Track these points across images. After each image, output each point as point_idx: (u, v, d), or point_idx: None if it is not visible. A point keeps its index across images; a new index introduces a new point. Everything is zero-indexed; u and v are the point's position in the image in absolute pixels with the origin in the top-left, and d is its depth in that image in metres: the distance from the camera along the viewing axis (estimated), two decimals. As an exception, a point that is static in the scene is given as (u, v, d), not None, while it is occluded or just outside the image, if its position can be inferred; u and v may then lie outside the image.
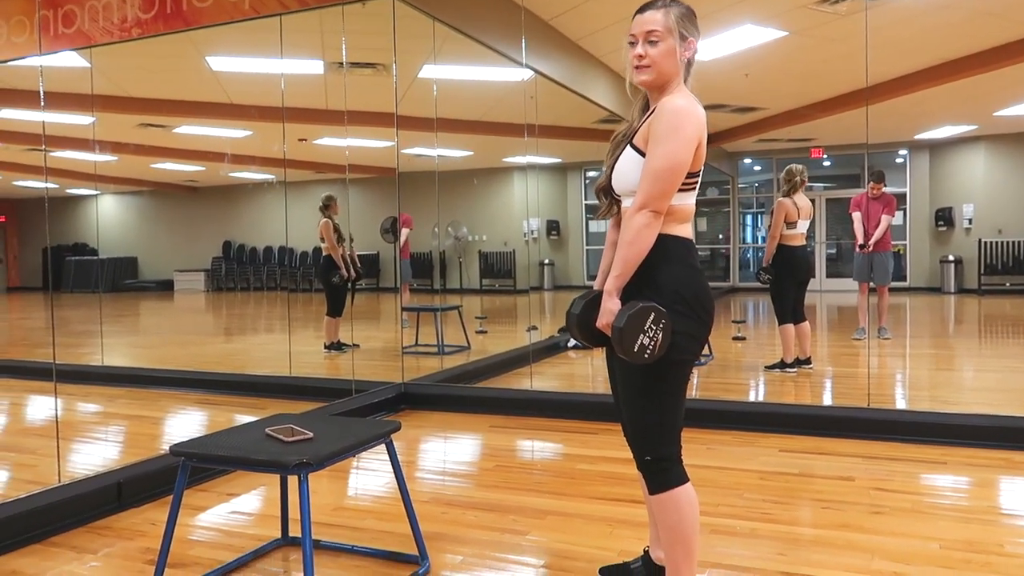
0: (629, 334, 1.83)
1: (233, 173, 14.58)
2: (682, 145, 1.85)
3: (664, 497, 1.94)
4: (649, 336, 1.84)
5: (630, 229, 1.87)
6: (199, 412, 5.03)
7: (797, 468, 3.34)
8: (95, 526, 2.81)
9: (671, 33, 1.93)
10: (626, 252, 1.88)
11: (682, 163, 1.87)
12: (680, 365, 1.94)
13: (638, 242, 1.87)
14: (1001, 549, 2.42)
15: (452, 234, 14.85)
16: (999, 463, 3.36)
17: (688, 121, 1.86)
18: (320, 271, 7.27)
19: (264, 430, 2.24)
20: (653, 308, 1.85)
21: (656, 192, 1.86)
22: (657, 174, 1.86)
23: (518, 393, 5.02)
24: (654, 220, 1.86)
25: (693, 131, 1.87)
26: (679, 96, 1.92)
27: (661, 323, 1.85)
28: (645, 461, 1.97)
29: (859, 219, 7.13)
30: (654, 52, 1.94)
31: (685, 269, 1.94)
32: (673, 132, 1.85)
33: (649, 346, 1.84)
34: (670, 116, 1.86)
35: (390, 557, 2.46)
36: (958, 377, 5.74)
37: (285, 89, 6.85)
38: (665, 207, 1.87)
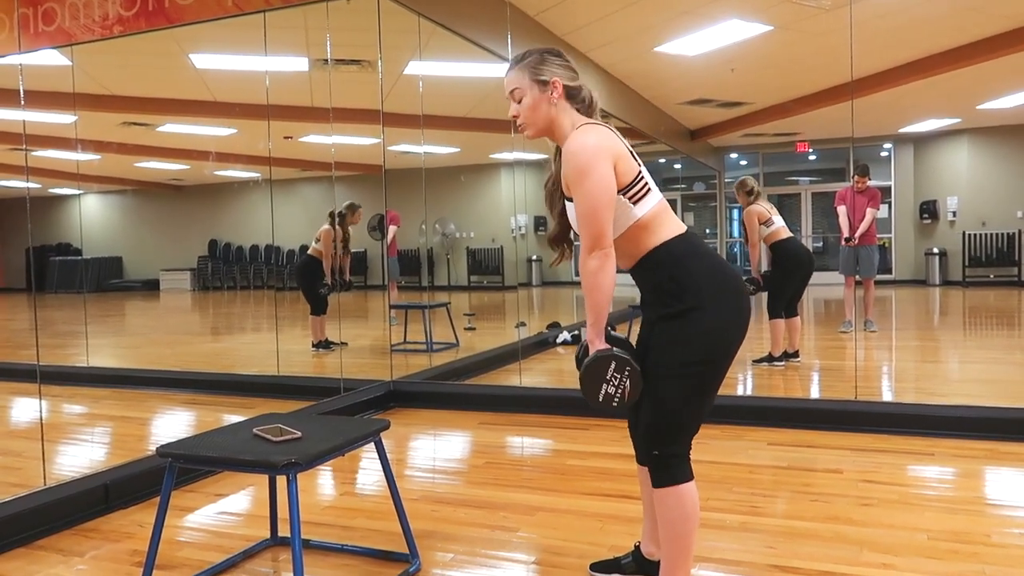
0: (589, 386, 1.87)
1: (218, 171, 14.48)
2: (595, 181, 1.87)
3: (667, 492, 1.94)
4: (614, 385, 1.87)
5: (586, 274, 1.90)
6: (186, 412, 4.99)
7: (786, 461, 3.36)
8: (82, 528, 2.79)
9: (530, 86, 1.99)
10: (591, 299, 1.91)
11: (604, 197, 1.88)
12: (712, 363, 1.93)
13: (599, 285, 1.88)
14: (988, 539, 2.44)
15: (439, 231, 14.82)
16: (985, 454, 3.39)
17: (588, 156, 1.88)
18: (301, 272, 7.15)
19: (252, 430, 2.22)
20: (613, 357, 1.86)
21: (594, 232, 1.88)
22: (586, 217, 1.88)
23: (507, 390, 5.01)
24: (605, 260, 1.88)
25: (599, 161, 1.88)
26: (575, 136, 1.94)
27: (626, 370, 1.86)
28: (652, 455, 1.95)
29: (844, 213, 7.17)
30: (523, 108, 2.01)
31: (697, 260, 1.94)
32: (581, 174, 1.88)
33: (616, 395, 1.87)
34: (572, 161, 1.90)
35: (381, 556, 2.45)
36: (944, 369, 5.79)
37: (270, 86, 6.81)
38: (610, 242, 1.89)
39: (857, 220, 7.11)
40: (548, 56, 2.02)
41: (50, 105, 7.60)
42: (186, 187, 16.32)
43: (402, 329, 7.31)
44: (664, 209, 1.99)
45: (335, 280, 6.92)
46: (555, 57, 2.03)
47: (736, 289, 1.98)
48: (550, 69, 2.00)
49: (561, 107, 2.01)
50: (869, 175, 7.22)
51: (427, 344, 6.71)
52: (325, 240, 6.90)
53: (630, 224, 1.95)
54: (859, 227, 7.05)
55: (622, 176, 1.92)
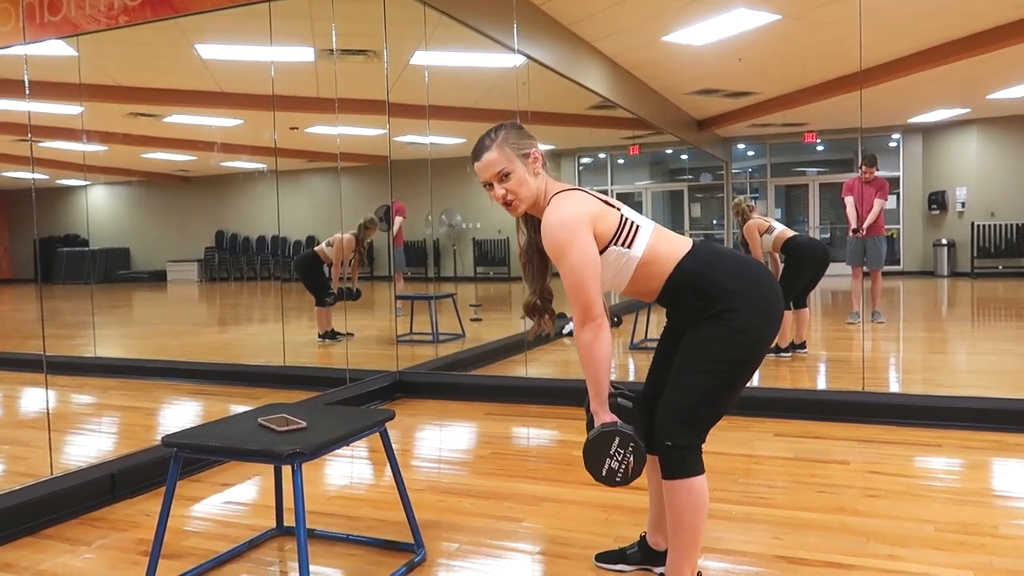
0: (593, 461, 1.88)
1: (224, 163, 14.49)
2: (577, 254, 1.87)
3: (678, 484, 1.93)
4: (617, 460, 1.87)
5: (582, 347, 1.90)
6: (192, 402, 5.01)
7: (792, 452, 3.34)
8: (89, 518, 2.80)
9: (514, 160, 1.98)
10: (589, 370, 1.92)
11: (588, 268, 1.88)
12: (745, 363, 1.92)
13: (595, 357, 1.89)
14: (995, 531, 2.43)
15: (446, 222, 14.80)
16: (993, 445, 3.37)
17: (567, 229, 1.88)
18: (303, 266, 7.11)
19: (257, 420, 2.22)
20: (617, 432, 1.85)
21: (583, 304, 1.88)
22: (573, 291, 1.88)
23: (513, 380, 5.01)
24: (599, 329, 1.88)
25: (577, 232, 1.87)
26: (550, 209, 1.93)
27: (629, 446, 1.86)
28: (666, 446, 1.93)
29: (852, 203, 7.13)
30: (512, 185, 1.98)
31: (718, 267, 1.92)
32: (562, 250, 1.88)
33: (619, 470, 1.87)
34: (551, 237, 1.90)
35: (386, 546, 2.45)
36: (952, 360, 5.76)
37: (275, 77, 6.80)
38: (601, 310, 1.88)
39: (865, 211, 7.06)
40: (515, 127, 2.03)
41: (56, 96, 7.61)
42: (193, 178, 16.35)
43: (408, 320, 7.31)
44: (661, 236, 1.98)
45: (342, 289, 6.91)
46: (521, 129, 2.03)
47: (765, 281, 1.96)
48: (528, 141, 2.00)
49: (541, 177, 2.01)
50: (877, 165, 7.17)
51: (433, 335, 6.71)
52: (337, 248, 6.84)
53: (635, 266, 1.95)
54: (867, 218, 7.01)
55: (606, 231, 1.92)
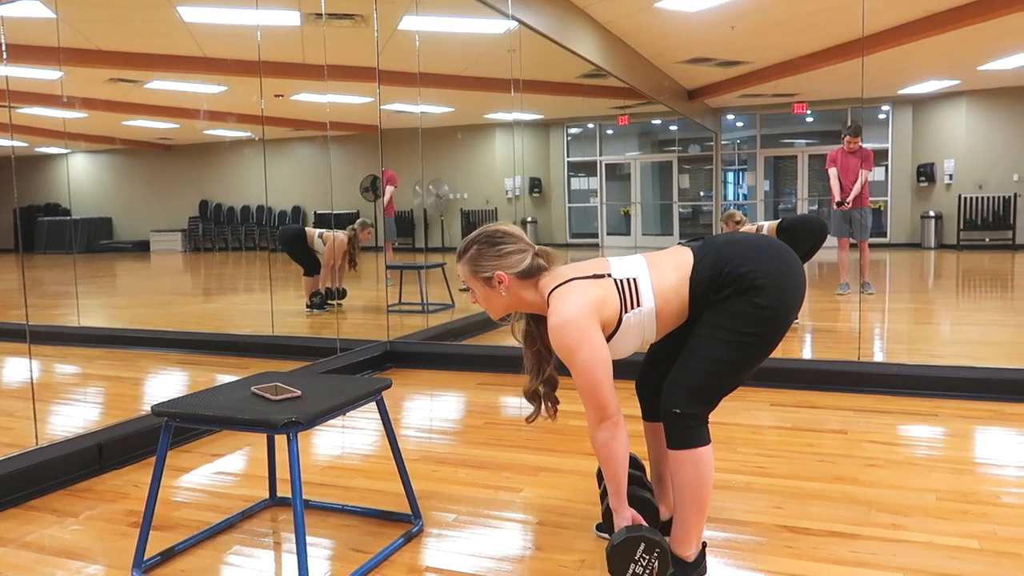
0: (617, 566, 1.82)
1: (208, 130, 14.25)
2: (587, 354, 1.82)
3: (684, 454, 1.88)
4: (642, 566, 1.82)
5: (600, 447, 1.87)
6: (180, 372, 4.93)
7: (789, 422, 3.33)
8: (76, 489, 2.74)
9: (476, 283, 1.98)
10: (608, 470, 1.89)
11: (600, 368, 1.83)
12: (763, 338, 1.87)
13: (613, 456, 1.87)
14: (997, 500, 2.42)
15: (433, 192, 14.68)
16: (989, 415, 3.37)
17: (572, 330, 1.83)
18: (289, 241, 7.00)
19: (250, 389, 2.16)
20: (643, 538, 1.81)
21: (598, 403, 1.84)
22: (587, 393, 1.84)
23: (505, 350, 4.96)
24: (615, 427, 1.85)
25: (584, 332, 1.83)
26: (553, 310, 1.87)
27: (655, 552, 1.81)
28: (673, 414, 1.88)
29: (835, 175, 7.06)
30: (478, 298, 2.03)
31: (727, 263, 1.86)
32: (572, 352, 1.84)
33: (643, 574, 1.83)
34: (558, 340, 1.85)
35: (382, 516, 2.41)
36: (943, 331, 5.77)
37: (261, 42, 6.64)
38: (615, 407, 1.85)
39: (849, 182, 7.00)
40: (487, 247, 1.96)
41: (34, 60, 7.39)
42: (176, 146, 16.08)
43: (397, 290, 7.24)
44: (660, 270, 1.92)
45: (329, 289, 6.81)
46: (496, 247, 1.96)
47: (780, 254, 1.91)
48: (491, 264, 1.95)
49: (515, 289, 1.96)
50: (861, 136, 7.09)
51: (423, 305, 6.65)
52: (329, 247, 6.73)
53: (655, 316, 1.91)
54: (851, 189, 6.96)
55: (613, 311, 1.88)
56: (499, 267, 1.95)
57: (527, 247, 1.98)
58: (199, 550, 2.22)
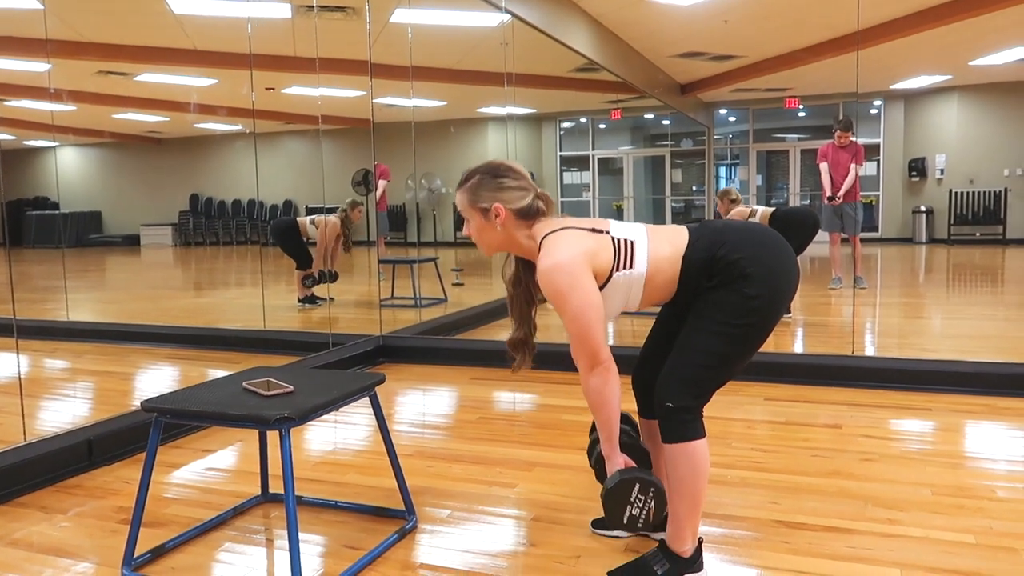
0: (614, 510, 1.81)
1: (199, 124, 14.15)
2: (579, 300, 1.80)
3: (679, 448, 1.87)
4: (638, 507, 1.81)
5: (591, 393, 1.85)
6: (170, 367, 4.90)
7: (783, 416, 3.32)
8: (65, 485, 2.71)
9: (472, 213, 1.94)
10: (599, 415, 1.87)
11: (592, 313, 1.81)
12: (755, 328, 1.86)
13: (606, 402, 1.85)
14: (993, 494, 2.41)
15: (425, 186, 14.62)
16: (982, 409, 3.37)
17: (565, 275, 1.81)
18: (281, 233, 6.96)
19: (241, 384, 2.13)
20: (637, 479, 1.79)
21: (590, 350, 1.83)
22: (578, 338, 1.83)
23: (499, 345, 4.92)
24: (607, 372, 1.83)
25: (577, 276, 1.81)
26: (544, 255, 1.85)
27: (650, 491, 1.80)
28: (667, 408, 1.86)
29: (826, 170, 7.08)
30: (472, 230, 1.99)
31: (721, 248, 1.84)
32: (563, 297, 1.81)
33: (640, 516, 1.82)
34: (549, 284, 1.83)
35: (375, 512, 2.39)
36: (936, 325, 5.78)
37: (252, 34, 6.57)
38: (607, 353, 1.83)
39: (840, 176, 7.01)
40: (490, 178, 1.93)
41: (21, 52, 7.31)
42: (166, 140, 15.97)
43: (389, 284, 7.21)
44: (657, 240, 1.91)
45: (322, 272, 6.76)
46: (499, 179, 1.93)
47: (774, 243, 1.90)
48: (492, 195, 1.92)
49: (509, 228, 1.93)
50: (852, 130, 7.08)
51: (415, 299, 6.62)
52: (322, 231, 6.67)
53: (643, 282, 1.89)
54: (842, 184, 6.96)
55: (605, 264, 1.86)
56: (498, 200, 1.92)
57: (529, 187, 1.96)
58: (190, 547, 2.19)
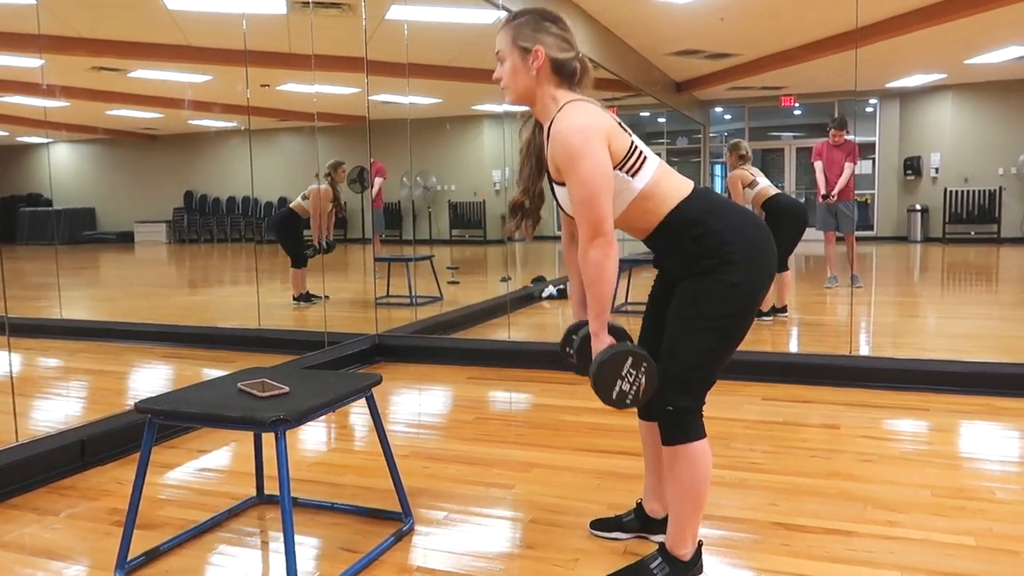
0: (604, 383, 1.76)
1: (193, 120, 14.08)
2: (591, 166, 1.75)
3: (679, 450, 1.85)
4: (629, 382, 1.76)
5: (589, 266, 1.78)
6: (165, 366, 4.86)
7: (782, 417, 3.31)
8: (58, 486, 2.68)
9: (511, 51, 1.87)
10: (594, 290, 1.79)
11: (601, 181, 1.76)
12: (735, 317, 1.84)
13: (602, 276, 1.77)
14: (993, 496, 2.40)
15: (421, 184, 14.59)
16: (981, 409, 3.36)
17: (581, 139, 1.76)
18: (279, 225, 6.94)
19: (236, 385, 2.11)
20: (630, 352, 1.76)
21: (594, 220, 1.76)
22: (584, 205, 1.76)
23: (495, 344, 4.93)
24: (608, 248, 1.77)
25: (592, 143, 1.76)
26: (563, 117, 1.81)
27: (643, 366, 1.76)
28: (666, 411, 1.85)
29: (821, 168, 7.07)
30: (505, 72, 1.90)
31: (718, 218, 1.83)
32: (575, 160, 1.75)
33: (630, 391, 1.76)
34: (563, 146, 1.77)
35: (372, 514, 2.37)
36: (930, 324, 5.77)
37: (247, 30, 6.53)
38: (611, 226, 1.77)
39: (834, 175, 7.00)
40: (538, 20, 1.88)
41: (13, 47, 7.25)
42: (160, 136, 15.89)
43: (385, 283, 7.18)
44: (666, 173, 1.88)
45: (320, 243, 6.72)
46: (547, 23, 1.88)
47: (762, 234, 1.88)
48: (536, 36, 1.86)
49: (542, 79, 1.87)
50: (847, 128, 7.08)
51: (411, 298, 6.60)
52: (315, 200, 6.64)
53: (633, 197, 1.85)
54: (837, 182, 6.95)
55: (616, 152, 1.81)
56: (541, 43, 1.86)
57: (574, 46, 1.91)
58: (184, 550, 2.17)
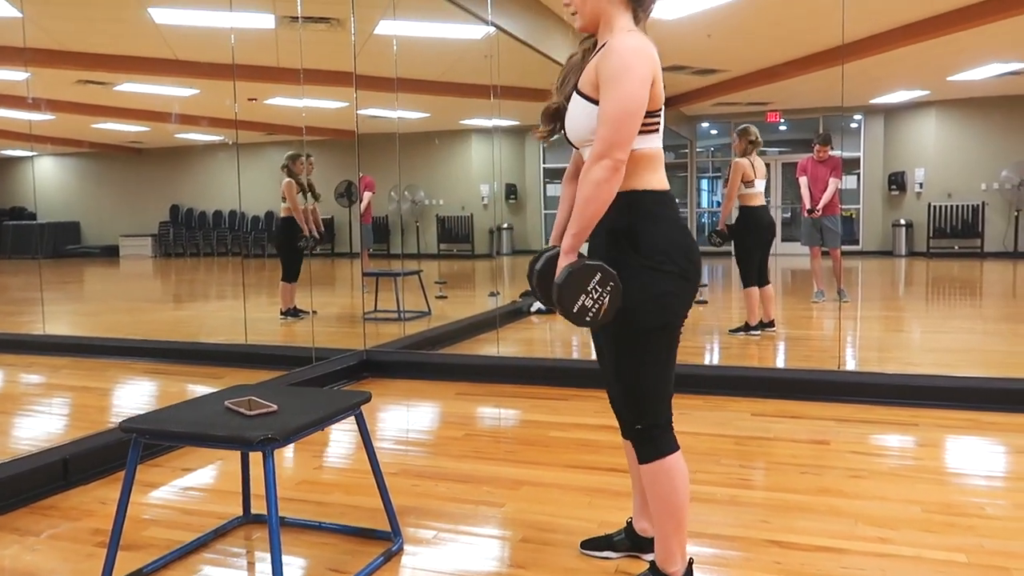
0: (568, 293, 1.69)
1: (179, 134, 14.03)
2: (636, 86, 1.70)
3: (655, 466, 1.85)
4: (593, 298, 1.70)
5: (588, 183, 1.71)
6: (149, 382, 4.81)
7: (771, 432, 3.30)
8: (39, 506, 2.63)
9: None
10: (583, 208, 1.72)
11: (638, 105, 1.72)
12: (668, 329, 1.83)
13: (597, 197, 1.71)
14: (982, 511, 2.40)
15: (409, 198, 14.59)
16: (968, 424, 3.37)
17: (638, 59, 1.72)
18: (277, 234, 6.92)
19: (223, 402, 2.08)
20: (600, 268, 1.71)
21: (615, 139, 1.70)
22: (613, 120, 1.70)
23: (484, 359, 4.90)
24: (614, 173, 1.70)
25: (645, 69, 1.72)
26: (623, 36, 1.77)
27: (609, 285, 1.70)
28: (635, 430, 1.87)
29: (805, 184, 7.14)
30: None
31: (665, 224, 1.82)
32: (624, 73, 1.70)
33: (592, 308, 1.70)
34: (618, 56, 1.72)
35: (360, 534, 2.34)
36: (916, 338, 5.81)
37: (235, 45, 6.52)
38: (626, 155, 1.72)
39: (819, 190, 7.06)
40: None
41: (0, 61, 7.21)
42: (146, 150, 15.82)
43: (373, 297, 7.15)
44: (660, 157, 1.86)
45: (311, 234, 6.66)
46: None
47: (693, 260, 1.84)
48: None
49: (615, 3, 1.82)
50: (831, 144, 7.15)
51: (399, 313, 6.57)
52: (289, 193, 6.61)
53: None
54: (821, 197, 7.02)
55: (652, 100, 1.77)
56: None
57: None
58: (169, 571, 2.13)
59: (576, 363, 4.76)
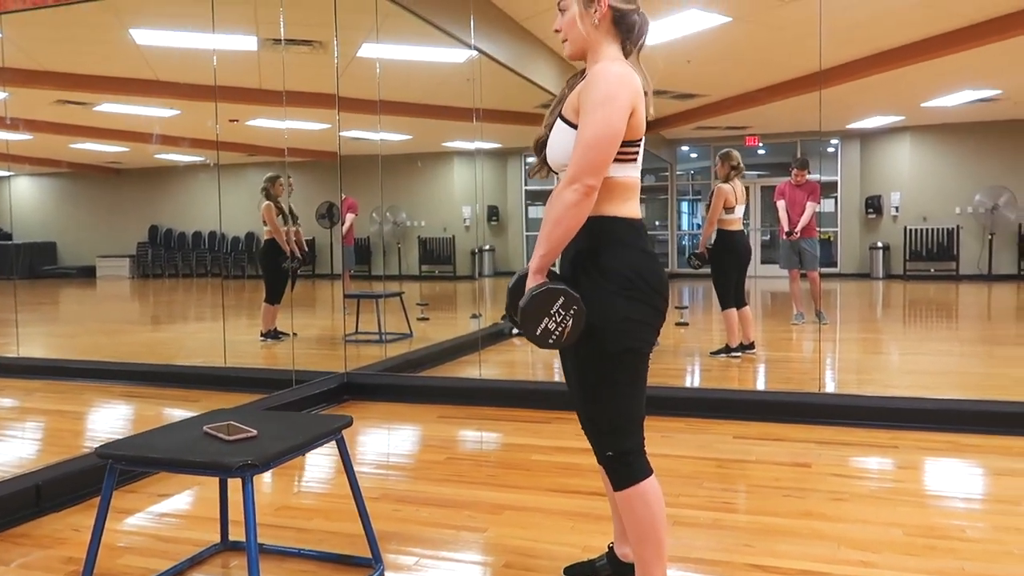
0: (531, 316, 1.70)
1: (159, 155, 13.96)
2: (615, 113, 1.72)
3: (630, 493, 1.83)
4: (556, 321, 1.71)
5: (558, 204, 1.72)
6: (126, 406, 4.74)
7: (753, 455, 3.30)
8: (10, 534, 2.57)
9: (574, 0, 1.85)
10: (551, 229, 1.73)
11: (615, 131, 1.73)
12: (635, 354, 1.82)
13: (566, 220, 1.71)
14: (963, 534, 2.41)
15: (391, 219, 14.58)
16: (947, 446, 3.40)
17: (620, 87, 1.73)
18: (262, 255, 6.87)
19: (202, 428, 2.05)
20: (564, 292, 1.72)
21: (587, 164, 1.70)
22: (589, 144, 1.71)
23: (466, 382, 4.89)
24: (585, 198, 1.71)
25: (626, 98, 1.73)
26: (606, 62, 1.78)
27: (572, 309, 1.71)
28: (607, 456, 1.85)
29: (783, 207, 7.24)
30: (565, 21, 1.87)
31: (634, 252, 1.81)
32: (604, 99, 1.72)
33: (555, 331, 1.71)
34: (602, 83, 1.73)
35: (340, 560, 2.31)
36: (895, 361, 5.86)
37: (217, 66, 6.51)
38: (599, 182, 1.73)
39: (796, 214, 7.16)
40: None
41: (-23, 80, 7.15)
42: (125, 170, 15.71)
43: (354, 319, 7.11)
44: (635, 186, 1.87)
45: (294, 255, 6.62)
46: None
47: (658, 288, 1.83)
48: None
49: (603, 31, 1.83)
50: (808, 168, 7.25)
51: (380, 335, 6.54)
52: (268, 216, 6.58)
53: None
54: (799, 221, 7.11)
55: (631, 129, 1.78)
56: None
57: (638, 4, 1.87)
58: (144, 600, 2.09)
59: (558, 385, 4.75)
